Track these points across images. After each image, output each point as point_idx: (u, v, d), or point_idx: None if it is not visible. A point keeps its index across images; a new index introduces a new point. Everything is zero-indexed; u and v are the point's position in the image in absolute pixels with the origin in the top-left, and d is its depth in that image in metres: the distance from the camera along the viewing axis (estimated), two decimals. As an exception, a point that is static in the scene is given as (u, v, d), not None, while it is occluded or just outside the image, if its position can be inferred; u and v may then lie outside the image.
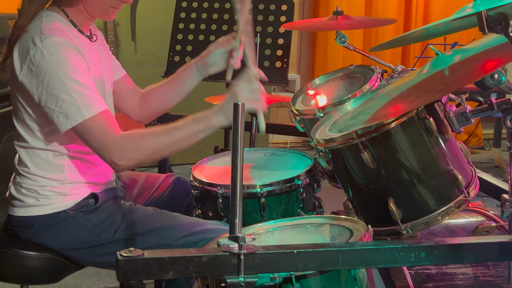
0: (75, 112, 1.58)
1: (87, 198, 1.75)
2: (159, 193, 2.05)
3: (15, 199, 1.75)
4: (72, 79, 1.59)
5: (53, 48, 1.59)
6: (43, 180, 1.72)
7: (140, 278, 1.12)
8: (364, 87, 1.88)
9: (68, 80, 1.58)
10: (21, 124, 1.72)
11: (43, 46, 1.59)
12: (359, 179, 1.62)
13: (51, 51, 1.59)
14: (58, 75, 1.58)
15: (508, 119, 1.49)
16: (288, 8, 2.98)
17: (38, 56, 1.59)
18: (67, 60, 1.60)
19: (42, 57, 1.59)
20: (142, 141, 1.61)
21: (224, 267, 1.14)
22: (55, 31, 1.63)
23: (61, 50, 1.60)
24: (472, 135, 5.35)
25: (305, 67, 5.35)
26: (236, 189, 1.12)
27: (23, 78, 1.62)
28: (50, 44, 1.60)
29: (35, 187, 1.72)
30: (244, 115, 1.14)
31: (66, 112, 1.58)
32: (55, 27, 1.65)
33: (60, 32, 1.65)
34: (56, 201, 1.72)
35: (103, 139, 1.58)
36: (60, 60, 1.59)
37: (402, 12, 5.24)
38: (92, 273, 2.90)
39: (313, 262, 1.19)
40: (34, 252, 1.73)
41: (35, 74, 1.60)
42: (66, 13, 1.73)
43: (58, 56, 1.59)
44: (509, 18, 1.20)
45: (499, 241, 1.30)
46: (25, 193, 1.73)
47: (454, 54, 1.54)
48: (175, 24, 3.10)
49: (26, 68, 1.61)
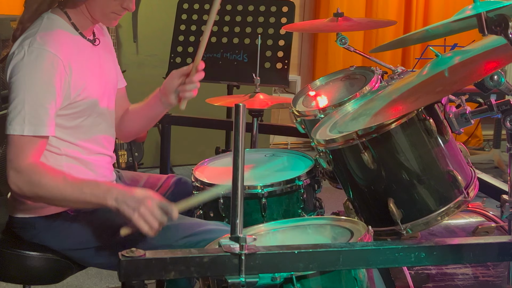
0: (18, 123, 1.59)
1: None
2: (160, 193, 2.05)
3: (16, 201, 1.75)
4: (34, 93, 1.60)
5: (34, 57, 1.61)
6: None
7: (142, 278, 1.13)
8: (365, 88, 1.89)
9: (30, 92, 1.60)
10: None
11: (28, 50, 1.62)
12: (359, 180, 1.63)
13: (31, 58, 1.61)
14: (24, 83, 1.60)
15: (508, 120, 1.49)
16: (289, 9, 2.99)
17: (19, 56, 1.62)
18: (40, 74, 1.61)
19: (21, 59, 1.61)
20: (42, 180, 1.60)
21: (225, 267, 1.14)
22: (48, 43, 1.64)
23: (39, 62, 1.62)
24: (472, 136, 5.35)
25: (306, 69, 5.36)
26: (237, 189, 1.13)
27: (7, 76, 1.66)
28: (35, 51, 1.62)
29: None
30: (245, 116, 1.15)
31: (12, 118, 1.60)
32: (50, 37, 1.66)
33: (54, 44, 1.65)
34: None
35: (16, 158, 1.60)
36: (34, 70, 1.61)
37: (402, 14, 5.24)
38: (94, 273, 2.90)
39: (314, 262, 1.20)
40: (36, 253, 1.74)
41: (10, 70, 1.63)
42: (68, 15, 1.74)
43: (34, 66, 1.61)
44: (509, 19, 1.20)
45: (499, 241, 1.31)
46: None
47: (454, 56, 1.54)
48: (177, 26, 3.11)
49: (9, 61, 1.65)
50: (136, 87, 4.33)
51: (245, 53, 2.99)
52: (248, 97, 2.45)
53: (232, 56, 3.00)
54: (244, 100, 2.43)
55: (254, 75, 2.52)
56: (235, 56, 3.00)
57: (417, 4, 5.24)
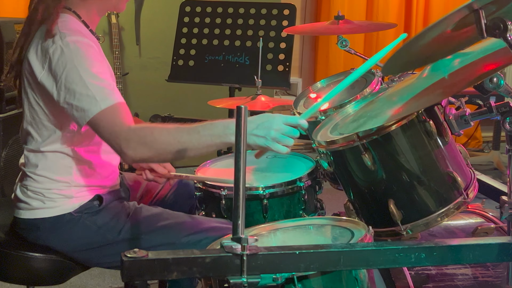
0: (92, 104, 1.59)
1: (92, 200, 1.76)
2: (162, 194, 2.07)
3: (21, 202, 1.77)
4: (90, 72, 1.61)
5: (72, 45, 1.63)
6: (50, 183, 1.74)
7: (145, 279, 1.13)
8: (365, 91, 1.89)
9: (86, 74, 1.60)
10: (36, 127, 1.73)
11: (63, 43, 1.63)
12: (360, 181, 1.64)
13: (70, 48, 1.62)
14: (76, 69, 1.60)
15: (507, 121, 1.50)
16: (290, 12, 3.01)
17: (58, 53, 1.62)
18: (85, 55, 1.63)
19: (62, 53, 1.62)
20: (150, 136, 1.57)
21: (227, 267, 1.15)
22: (73, 31, 1.67)
23: (79, 46, 1.63)
24: (471, 137, 5.36)
25: (307, 71, 5.37)
26: (239, 190, 1.13)
27: (43, 78, 1.65)
28: (70, 42, 1.63)
29: (41, 190, 1.74)
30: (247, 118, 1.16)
31: (83, 105, 1.59)
32: (72, 27, 1.69)
33: (78, 32, 1.68)
34: (61, 204, 1.74)
35: (113, 128, 1.58)
36: (78, 55, 1.62)
37: (402, 16, 5.26)
38: (97, 273, 2.91)
39: (314, 262, 1.19)
40: (40, 254, 1.75)
41: (54, 72, 1.63)
42: (77, 14, 1.75)
43: (76, 52, 1.62)
44: (507, 22, 1.21)
45: (498, 242, 1.30)
46: (31, 195, 1.74)
47: (454, 58, 1.55)
48: (179, 29, 3.13)
49: (47, 67, 1.64)
50: (139, 90, 4.37)
51: (247, 56, 3.00)
52: (249, 99, 2.47)
53: (234, 58, 3.02)
54: (246, 102, 2.44)
55: (255, 77, 2.53)
56: (237, 58, 3.02)
57: (417, 7, 5.25)
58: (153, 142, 1.56)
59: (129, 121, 1.60)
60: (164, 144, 1.56)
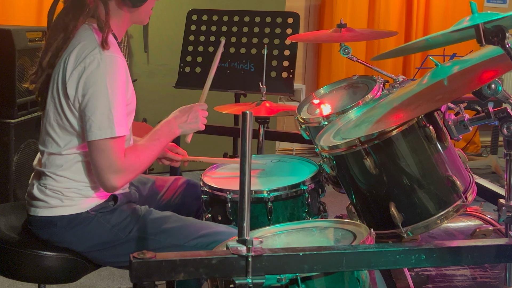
0: (108, 127, 1.65)
1: (108, 200, 1.80)
2: (169, 195, 2.10)
3: (38, 200, 1.79)
4: (117, 97, 1.67)
5: (109, 63, 1.67)
6: (70, 183, 1.77)
7: (153, 280, 1.16)
8: (367, 97, 1.91)
9: (113, 97, 1.66)
10: (58, 131, 1.76)
11: (101, 58, 1.67)
12: (361, 185, 1.65)
13: (107, 66, 1.67)
14: (106, 89, 1.66)
15: (505, 127, 1.52)
16: (294, 21, 3.03)
17: (94, 65, 1.66)
18: (117, 78, 1.68)
19: (97, 67, 1.66)
20: (138, 162, 1.74)
21: (232, 268, 1.17)
22: (113, 47, 1.71)
23: (115, 68, 1.68)
24: (470, 142, 5.38)
25: (310, 77, 5.40)
26: (244, 194, 1.16)
27: (69, 81, 1.69)
28: (108, 59, 1.67)
29: (61, 189, 1.77)
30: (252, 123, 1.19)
31: (100, 124, 1.65)
32: (113, 44, 1.72)
33: (116, 49, 1.73)
34: (79, 203, 1.77)
35: (115, 161, 1.67)
36: (112, 76, 1.67)
37: (403, 25, 5.29)
38: (107, 274, 2.94)
39: (318, 264, 1.22)
40: (53, 252, 1.76)
41: (84, 81, 1.67)
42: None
43: (111, 72, 1.67)
44: (506, 30, 1.23)
45: (496, 244, 1.34)
46: (49, 194, 1.77)
47: (453, 65, 1.57)
48: (186, 36, 3.16)
49: (76, 73, 1.68)
50: (147, 96, 4.41)
51: (252, 63, 3.03)
52: (254, 105, 2.49)
53: (239, 65, 3.04)
54: (251, 108, 2.47)
55: (260, 84, 2.55)
56: (242, 65, 3.04)
57: (417, 15, 5.28)
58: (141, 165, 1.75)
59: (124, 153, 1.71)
60: (146, 163, 1.78)
